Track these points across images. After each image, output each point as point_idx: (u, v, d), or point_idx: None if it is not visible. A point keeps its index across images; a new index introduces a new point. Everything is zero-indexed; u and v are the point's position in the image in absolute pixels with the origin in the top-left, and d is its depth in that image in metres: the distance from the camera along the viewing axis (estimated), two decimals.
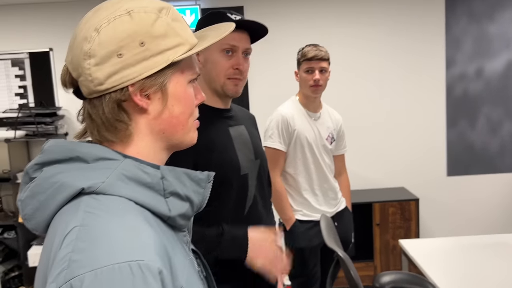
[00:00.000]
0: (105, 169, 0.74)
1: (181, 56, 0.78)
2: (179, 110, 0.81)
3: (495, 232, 4.12)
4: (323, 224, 2.13)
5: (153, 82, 0.77)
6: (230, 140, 1.52)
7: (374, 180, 4.18)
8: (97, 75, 0.74)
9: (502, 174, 4.16)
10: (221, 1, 4.02)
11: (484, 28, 4.01)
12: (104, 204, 0.70)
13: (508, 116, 4.10)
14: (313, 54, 2.47)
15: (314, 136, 2.55)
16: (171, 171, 0.79)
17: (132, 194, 0.73)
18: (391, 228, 3.82)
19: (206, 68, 1.50)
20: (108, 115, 0.76)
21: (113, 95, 0.75)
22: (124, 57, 0.74)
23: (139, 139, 0.80)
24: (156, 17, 0.77)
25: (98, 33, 0.74)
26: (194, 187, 0.82)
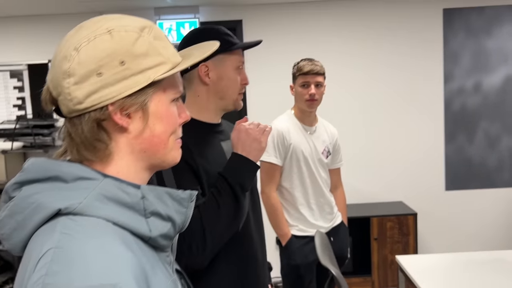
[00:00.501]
0: (83, 189, 0.73)
1: (163, 75, 0.78)
2: (160, 129, 0.80)
3: (493, 248, 4.09)
4: (318, 241, 2.11)
5: (134, 101, 0.76)
6: (223, 154, 1.52)
7: (372, 194, 4.16)
8: (76, 94, 0.74)
9: (500, 189, 4.14)
10: (220, 15, 4.03)
11: (482, 43, 4.02)
12: (81, 225, 0.69)
13: (506, 130, 4.09)
14: (308, 69, 2.47)
15: (310, 150, 2.54)
16: (152, 191, 0.78)
17: (110, 214, 0.72)
18: (389, 243, 3.79)
19: (219, 85, 1.51)
20: (87, 134, 0.75)
21: (92, 114, 0.75)
22: (104, 76, 0.73)
23: (119, 158, 0.79)
24: (138, 36, 0.77)
25: (77, 52, 0.74)
26: (176, 206, 0.81)
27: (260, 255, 1.59)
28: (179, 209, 0.81)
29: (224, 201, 1.37)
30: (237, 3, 3.97)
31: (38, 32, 4.04)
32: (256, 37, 3.96)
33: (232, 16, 4.03)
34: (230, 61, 1.52)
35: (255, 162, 1.43)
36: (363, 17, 4.03)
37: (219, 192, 1.38)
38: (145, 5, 3.89)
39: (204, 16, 4.04)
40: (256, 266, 1.56)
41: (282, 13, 4.03)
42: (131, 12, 4.01)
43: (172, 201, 0.80)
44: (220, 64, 1.51)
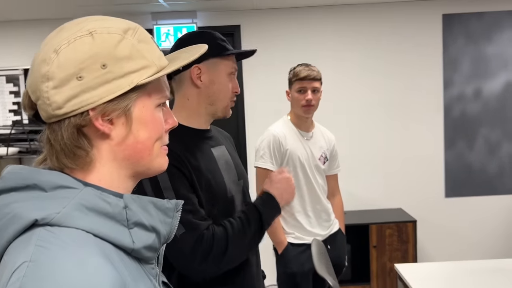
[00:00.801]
0: (62, 199, 0.69)
1: (146, 79, 0.74)
2: (144, 135, 0.77)
3: (494, 255, 4.05)
4: (314, 249, 2.07)
5: (116, 106, 0.73)
6: (214, 161, 1.49)
7: (371, 200, 4.12)
8: (56, 99, 0.70)
9: (501, 196, 4.09)
10: (218, 20, 4.01)
11: (482, 48, 3.99)
12: (58, 237, 0.65)
13: (506, 137, 4.06)
14: (305, 74, 2.45)
15: (306, 156, 2.51)
16: (135, 200, 0.75)
17: (90, 225, 0.69)
18: (388, 251, 3.74)
19: (211, 89, 1.49)
20: (67, 141, 0.72)
21: (72, 119, 0.71)
22: (84, 80, 0.70)
23: (101, 166, 0.75)
24: (121, 38, 0.73)
25: (57, 54, 0.70)
26: (161, 216, 0.77)
27: (255, 263, 1.57)
28: (164, 219, 0.78)
29: (252, 233, 1.42)
30: (235, 8, 3.95)
31: (35, 37, 4.01)
32: (254, 42, 3.95)
33: (230, 21, 4.01)
34: (223, 66, 1.50)
35: (280, 209, 1.51)
36: (361, 23, 4.01)
37: (249, 222, 1.42)
38: (143, 10, 3.87)
39: (202, 21, 4.01)
40: (250, 274, 1.53)
41: (280, 19, 4.00)
42: (129, 17, 3.96)
43: (157, 211, 0.77)
44: (213, 68, 1.48)
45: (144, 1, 3.55)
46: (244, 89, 4.02)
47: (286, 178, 1.53)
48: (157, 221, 0.76)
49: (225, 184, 1.48)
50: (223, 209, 1.46)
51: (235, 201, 1.51)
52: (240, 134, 4.07)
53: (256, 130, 3.75)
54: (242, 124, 4.06)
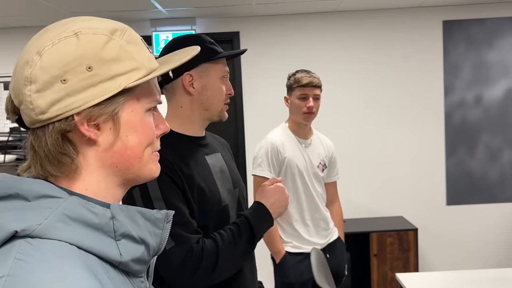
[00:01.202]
0: (45, 209, 0.65)
1: (135, 82, 0.71)
2: (134, 141, 0.73)
3: (496, 264, 4.00)
4: (313, 259, 2.04)
5: (102, 111, 0.69)
6: (209, 169, 1.46)
7: (372, 208, 4.08)
8: (39, 103, 0.67)
9: (503, 203, 4.05)
10: (217, 27, 3.99)
11: (483, 55, 3.96)
12: (39, 250, 0.62)
13: (508, 144, 4.02)
14: (307, 81, 2.42)
15: (305, 164, 2.48)
16: (123, 210, 0.71)
17: (74, 237, 0.65)
18: (389, 259, 3.70)
19: (204, 95, 1.46)
20: (51, 148, 0.68)
21: (56, 125, 0.68)
22: (69, 83, 0.67)
23: (88, 174, 0.72)
24: (108, 39, 0.70)
25: (40, 56, 0.67)
26: (150, 227, 0.74)
27: (249, 273, 1.53)
28: (153, 230, 0.74)
29: (243, 244, 1.39)
30: (234, 15, 3.94)
31: None
32: (253, 48, 3.93)
33: (229, 27, 3.99)
34: (214, 70, 1.47)
35: (273, 221, 1.47)
36: (361, 29, 3.99)
37: (240, 235, 1.39)
38: (141, 17, 3.86)
39: (201, 28, 4.00)
40: (244, 284, 1.49)
41: (279, 25, 3.99)
42: (127, 23, 3.93)
43: (146, 222, 0.73)
44: (205, 73, 1.46)
45: (142, 7, 3.54)
46: (243, 96, 4.00)
47: (279, 188, 1.49)
48: (146, 232, 0.73)
49: (219, 192, 1.45)
50: (217, 218, 1.43)
51: (229, 210, 1.48)
52: (239, 141, 4.04)
53: (255, 137, 3.72)
54: (241, 131, 4.03)
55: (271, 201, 1.45)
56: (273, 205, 1.45)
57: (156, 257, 0.80)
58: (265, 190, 1.48)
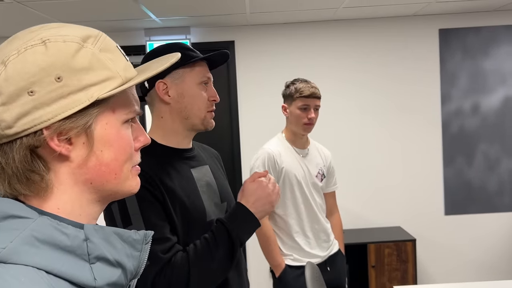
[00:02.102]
0: (11, 231, 0.60)
1: (109, 93, 0.66)
2: (110, 156, 0.69)
3: (495, 275, 3.94)
4: (308, 274, 1.98)
5: (74, 124, 0.65)
6: (193, 182, 1.39)
7: (369, 219, 4.03)
8: (4, 117, 0.62)
9: (502, 213, 4.00)
10: (212, 36, 3.96)
11: (479, 63, 3.94)
12: (1, 277, 0.57)
13: (506, 153, 3.98)
14: (310, 92, 2.38)
15: (303, 174, 2.43)
16: (97, 231, 0.67)
17: (43, 261, 0.60)
18: (387, 271, 3.64)
19: (181, 103, 1.40)
20: (19, 164, 0.64)
21: (24, 140, 0.63)
22: (37, 95, 0.62)
23: (61, 192, 0.67)
24: (78, 47, 0.66)
25: (5, 66, 0.62)
26: (127, 249, 0.69)
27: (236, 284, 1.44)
28: (131, 252, 0.70)
29: (220, 255, 1.27)
30: (229, 24, 3.91)
31: None
32: (248, 57, 3.90)
33: (224, 37, 3.96)
34: (190, 76, 1.40)
35: (258, 221, 1.34)
36: (357, 38, 3.96)
37: (216, 244, 1.27)
38: (135, 26, 3.82)
39: (196, 37, 3.96)
40: None
41: (274, 34, 3.96)
42: (121, 33, 3.94)
43: (123, 243, 0.69)
44: (180, 80, 1.39)
45: (136, 17, 3.50)
46: (238, 104, 3.96)
47: (260, 183, 1.35)
48: (123, 255, 0.69)
49: (204, 207, 1.38)
50: (202, 234, 1.35)
51: None
52: (235, 150, 3.99)
53: (251, 146, 3.68)
54: (237, 140, 3.98)
55: (252, 200, 1.32)
56: (254, 204, 1.32)
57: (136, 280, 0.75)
58: (245, 188, 1.35)
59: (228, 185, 1.59)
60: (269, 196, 1.34)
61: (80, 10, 3.23)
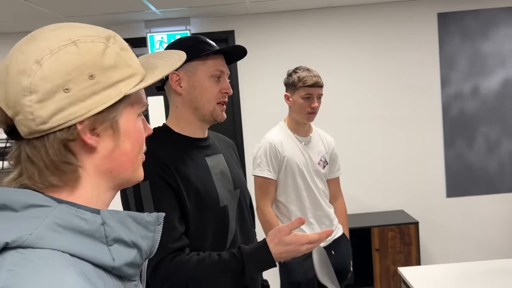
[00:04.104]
0: (34, 219, 0.65)
1: (135, 88, 0.73)
2: (129, 147, 0.75)
3: (497, 254, 4.01)
4: (315, 257, 2.03)
5: (104, 118, 0.70)
6: (208, 170, 1.46)
7: (372, 203, 4.09)
8: (40, 113, 0.66)
9: (503, 194, 4.06)
10: (212, 26, 3.98)
11: (478, 46, 3.96)
12: (31, 260, 0.62)
13: (506, 134, 4.02)
14: (314, 81, 2.41)
15: (305, 161, 2.47)
16: (113, 215, 0.71)
17: (66, 245, 0.65)
18: (391, 253, 3.70)
19: (192, 94, 1.46)
20: (54, 157, 0.68)
21: (58, 134, 0.67)
22: (72, 91, 0.67)
23: (86, 182, 0.72)
24: (105, 47, 0.71)
25: (40, 65, 0.66)
26: (141, 231, 0.74)
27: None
28: (145, 233, 0.75)
29: (226, 277, 1.34)
30: (229, 14, 3.93)
31: None
32: (248, 46, 3.88)
33: (224, 26, 3.98)
34: (202, 69, 1.45)
35: (275, 263, 1.36)
36: (356, 24, 3.98)
37: (227, 267, 1.33)
38: (136, 19, 3.84)
39: (196, 28, 3.99)
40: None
41: (274, 22, 3.98)
42: (122, 26, 3.96)
43: (137, 226, 0.74)
44: (192, 72, 1.45)
45: (136, 9, 3.52)
46: (240, 95, 4.00)
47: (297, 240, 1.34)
48: (138, 236, 0.73)
49: (217, 194, 1.45)
50: (215, 219, 1.43)
51: (228, 210, 1.48)
52: (238, 141, 4.03)
53: (254, 136, 3.72)
54: (239, 131, 4.03)
55: (281, 251, 1.33)
56: (281, 254, 1.34)
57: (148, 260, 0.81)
58: (282, 239, 1.33)
59: (242, 174, 1.65)
60: (298, 253, 1.35)
61: (81, 4, 3.26)
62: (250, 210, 1.64)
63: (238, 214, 1.52)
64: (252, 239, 1.59)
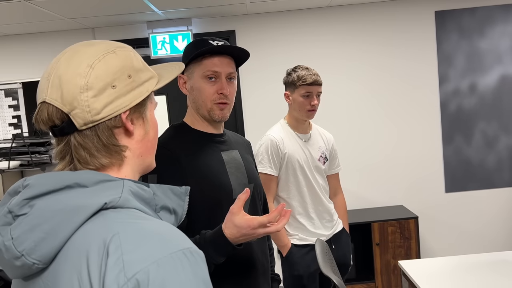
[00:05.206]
0: (114, 188, 0.79)
1: (157, 86, 0.90)
2: (152, 135, 0.92)
3: (496, 248, 4.08)
4: (318, 249, 2.09)
5: (138, 109, 0.87)
6: (223, 164, 1.53)
7: (372, 199, 4.15)
8: (95, 106, 0.81)
9: (501, 189, 4.12)
10: (213, 26, 4.04)
11: (475, 43, 4.03)
12: (128, 214, 0.77)
13: (503, 130, 4.09)
14: (313, 80, 2.46)
15: (305, 158, 2.53)
16: (158, 188, 0.88)
17: (140, 206, 0.81)
18: (391, 248, 3.77)
19: (192, 95, 1.56)
20: (106, 142, 0.83)
21: (107, 123, 0.82)
22: (117, 88, 0.83)
23: (127, 163, 0.87)
24: (133, 54, 0.88)
25: (92, 68, 0.81)
26: (177, 200, 0.91)
27: (260, 266, 1.57)
28: (179, 202, 0.91)
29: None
30: (230, 14, 3.98)
31: (32, 50, 4.04)
32: (249, 46, 3.97)
33: (224, 26, 4.03)
34: (197, 70, 1.54)
35: (237, 246, 1.34)
36: (355, 23, 4.04)
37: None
38: (138, 20, 3.90)
39: (197, 28, 4.04)
40: (256, 278, 1.54)
41: (274, 22, 4.03)
42: (124, 26, 4.02)
43: (174, 196, 0.91)
44: (191, 74, 1.56)
45: (138, 10, 3.58)
46: (241, 94, 4.05)
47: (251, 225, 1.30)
48: (176, 204, 0.90)
49: (231, 186, 1.51)
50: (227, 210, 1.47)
51: None
52: None
53: (255, 134, 3.77)
54: (241, 129, 4.09)
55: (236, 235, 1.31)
56: (237, 238, 1.32)
57: None
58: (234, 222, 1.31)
59: (256, 170, 1.72)
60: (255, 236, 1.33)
61: (85, 6, 3.31)
62: (263, 204, 1.70)
63: (251, 207, 1.57)
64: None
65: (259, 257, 1.57)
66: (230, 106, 1.56)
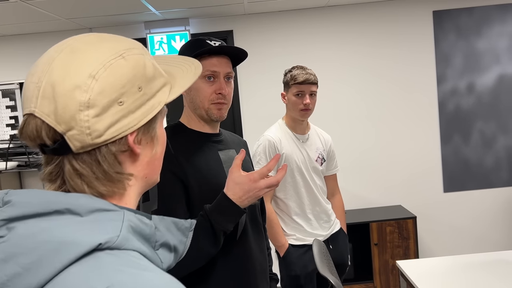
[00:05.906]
0: (112, 222, 0.64)
1: (170, 97, 0.73)
2: (160, 152, 0.77)
3: (494, 247, 4.08)
4: (316, 249, 2.09)
5: (148, 128, 0.71)
6: (220, 163, 1.52)
7: (370, 199, 4.15)
8: (97, 127, 0.65)
9: (499, 188, 4.13)
10: (211, 26, 4.03)
11: (473, 43, 4.03)
12: (126, 260, 0.61)
13: (501, 130, 4.09)
14: (304, 78, 2.45)
15: (303, 159, 2.52)
16: (161, 221, 0.77)
17: (139, 247, 0.66)
18: (389, 248, 3.77)
19: (190, 95, 1.54)
20: (108, 169, 0.68)
21: (110, 146, 0.67)
22: (125, 104, 0.67)
23: (130, 188, 0.72)
24: (144, 58, 0.71)
25: (96, 80, 0.65)
26: (180, 236, 0.80)
27: (258, 265, 1.57)
28: (181, 239, 0.81)
29: (203, 245, 1.30)
30: (227, 14, 3.98)
31: (29, 51, 4.04)
32: (247, 46, 3.97)
33: (222, 27, 4.03)
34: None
35: (243, 210, 1.34)
36: (352, 23, 4.04)
37: (197, 235, 1.25)
38: (135, 20, 3.89)
39: (195, 28, 4.04)
40: (255, 277, 1.54)
41: (272, 22, 4.03)
42: (122, 27, 4.01)
43: (177, 231, 0.80)
44: None
45: (136, 10, 3.57)
46: (239, 94, 4.05)
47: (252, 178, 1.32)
48: (177, 241, 0.78)
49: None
50: None
51: None
52: None
53: (253, 135, 3.78)
54: (239, 129, 4.08)
55: (239, 194, 1.32)
56: (241, 198, 1.32)
57: None
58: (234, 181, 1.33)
59: (253, 169, 1.72)
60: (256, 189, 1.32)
61: (82, 6, 3.30)
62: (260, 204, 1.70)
63: (249, 207, 1.56)
64: (261, 231, 1.64)
65: (257, 256, 1.57)
66: (228, 105, 1.56)
